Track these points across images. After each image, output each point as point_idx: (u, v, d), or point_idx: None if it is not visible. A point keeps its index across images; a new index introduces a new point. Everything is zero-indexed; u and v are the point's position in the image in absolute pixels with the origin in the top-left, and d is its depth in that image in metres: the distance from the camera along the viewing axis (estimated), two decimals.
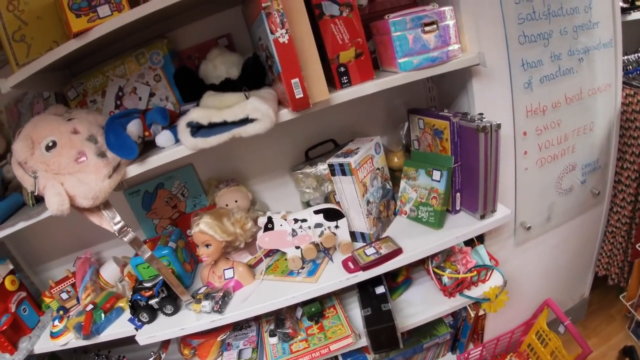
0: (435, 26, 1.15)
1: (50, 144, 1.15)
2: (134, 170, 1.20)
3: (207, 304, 1.30)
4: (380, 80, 1.17)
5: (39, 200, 1.33)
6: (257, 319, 1.55)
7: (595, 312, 2.04)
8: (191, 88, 1.30)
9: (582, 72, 1.48)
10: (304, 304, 1.45)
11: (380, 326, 1.33)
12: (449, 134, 1.31)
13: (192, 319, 1.34)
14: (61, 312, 1.56)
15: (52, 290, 1.59)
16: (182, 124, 1.14)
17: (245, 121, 1.09)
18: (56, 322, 1.50)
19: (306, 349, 1.38)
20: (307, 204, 1.47)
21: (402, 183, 1.44)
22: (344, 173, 1.28)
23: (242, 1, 1.32)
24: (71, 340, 1.48)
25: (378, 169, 1.38)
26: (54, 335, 1.49)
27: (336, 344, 1.37)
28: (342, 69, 1.18)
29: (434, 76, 1.39)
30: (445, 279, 1.44)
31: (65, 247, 1.72)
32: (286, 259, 1.39)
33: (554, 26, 1.39)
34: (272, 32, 1.00)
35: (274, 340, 1.43)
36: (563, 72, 1.45)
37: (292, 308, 1.49)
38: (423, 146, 1.45)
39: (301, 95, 1.06)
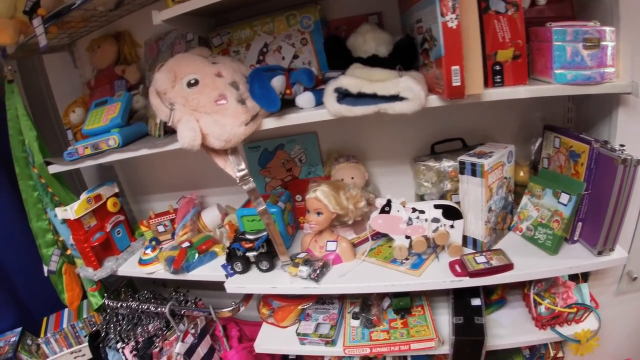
0: (595, 44, 1.08)
1: (193, 81, 1.17)
2: (269, 123, 1.20)
3: (304, 270, 1.29)
4: (534, 87, 1.11)
5: (167, 132, 1.37)
6: (342, 299, 1.52)
7: None
8: (338, 57, 1.29)
9: None
10: (394, 295, 1.41)
11: (470, 338, 1.27)
12: (586, 159, 1.24)
13: (285, 280, 1.33)
14: (153, 243, 1.59)
15: (150, 220, 1.63)
16: (329, 88, 1.12)
17: (395, 98, 1.07)
18: (148, 251, 1.53)
19: (386, 341, 1.34)
20: (422, 198, 1.43)
21: (525, 199, 1.38)
22: (474, 174, 1.23)
23: None
24: (158, 271, 1.51)
25: (506, 178, 1.32)
26: (142, 262, 1.53)
27: (418, 343, 1.32)
28: (498, 68, 1.12)
29: (578, 96, 1.33)
30: (542, 309, 1.36)
31: (172, 184, 1.77)
32: (390, 246, 1.36)
33: None
34: (442, 15, 0.96)
35: (356, 323, 1.40)
36: None
37: (381, 297, 1.45)
38: (554, 166, 1.37)
39: (458, 83, 1.01)
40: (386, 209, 1.28)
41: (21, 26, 1.44)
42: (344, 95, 1.12)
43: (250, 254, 1.36)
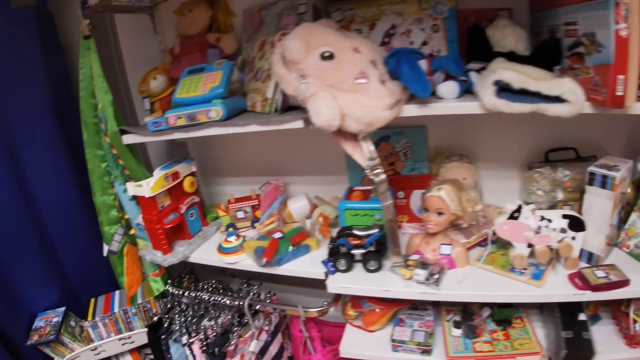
0: None
1: (327, 54, 1.03)
2: (411, 110, 1.08)
3: (422, 273, 1.17)
4: None
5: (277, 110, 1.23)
6: (436, 306, 1.42)
7: None
8: (478, 49, 1.19)
9: None
10: (498, 306, 1.33)
11: (580, 352, 1.20)
12: None
13: (396, 283, 1.21)
14: (231, 230, 1.44)
15: (229, 205, 1.47)
16: (487, 80, 1.01)
17: (555, 100, 0.98)
18: (231, 239, 1.37)
19: (491, 352, 1.25)
20: None
21: (633, 216, 1.32)
22: (603, 186, 1.16)
23: None
24: (243, 261, 1.35)
25: (623, 193, 1.27)
26: (224, 251, 1.36)
27: (523, 357, 1.24)
28: None
29: None
30: (637, 327, 1.32)
31: (249, 168, 1.61)
32: (503, 254, 1.27)
33: None
34: (616, 23, 0.89)
35: (457, 332, 1.30)
36: None
37: (480, 306, 1.37)
38: None
39: (621, 93, 0.94)
40: (515, 214, 1.20)
41: None
42: (500, 90, 1.02)
43: (357, 252, 1.24)
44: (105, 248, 1.48)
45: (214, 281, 1.52)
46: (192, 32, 1.43)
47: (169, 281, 1.51)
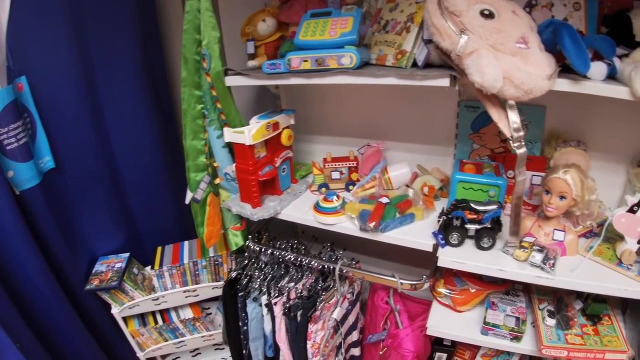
0: None
1: (487, 12, 0.97)
2: (562, 85, 1.00)
3: (538, 256, 1.12)
4: None
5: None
6: (528, 292, 1.37)
7: None
8: (623, 36, 1.13)
9: None
10: (593, 299, 1.29)
11: None
12: None
13: (510, 263, 1.15)
14: (324, 190, 1.36)
15: (326, 164, 1.38)
16: None
17: None
18: (332, 198, 1.28)
19: (582, 346, 1.20)
20: None
21: None
22: None
23: None
24: (342, 223, 1.27)
25: None
26: (322, 210, 1.27)
27: (611, 354, 1.19)
28: None
29: None
30: None
31: (343, 128, 1.52)
32: (609, 248, 1.23)
33: None
34: None
35: (552, 322, 1.26)
36: None
37: (573, 298, 1.32)
38: None
39: None
40: (635, 208, 1.15)
41: None
42: None
43: (472, 227, 1.17)
44: (189, 195, 1.37)
45: (295, 242, 1.43)
46: None
47: (250, 236, 1.41)
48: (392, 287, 1.35)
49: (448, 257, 1.17)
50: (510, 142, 1.04)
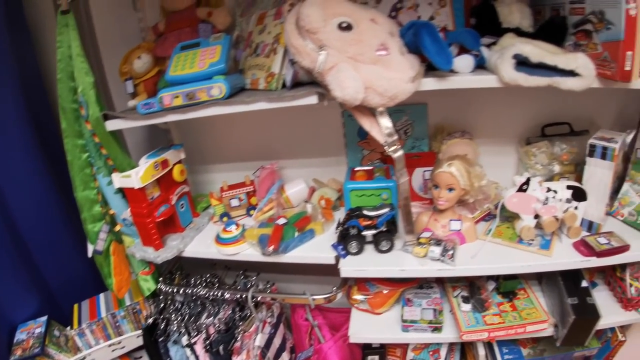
0: None
1: (345, 25, 0.97)
2: (430, 84, 1.04)
3: (436, 250, 1.14)
4: None
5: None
6: (441, 282, 1.39)
7: None
8: (488, 24, 1.17)
9: None
10: (504, 278, 1.32)
11: (588, 317, 1.22)
12: None
13: (411, 262, 1.16)
14: (225, 219, 1.33)
15: (223, 194, 1.36)
16: (507, 54, 1.00)
17: (568, 74, 0.98)
18: (230, 228, 1.26)
19: (501, 324, 1.23)
20: None
21: (626, 186, 1.35)
22: (604, 157, 1.18)
23: None
24: (245, 251, 1.25)
25: (618, 164, 1.29)
26: (223, 242, 1.25)
27: (532, 326, 1.24)
28: None
29: None
30: (632, 290, 1.36)
31: (239, 153, 1.50)
32: (508, 227, 1.26)
33: None
34: (627, 2, 0.92)
35: (467, 307, 1.28)
36: None
37: (485, 280, 1.35)
38: None
39: (629, 68, 0.97)
40: (524, 187, 1.19)
41: None
42: (518, 63, 1.00)
43: (368, 233, 1.18)
44: (90, 248, 1.32)
45: (208, 275, 1.40)
46: (180, 6, 1.32)
47: (161, 279, 1.37)
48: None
49: (350, 267, 1.17)
50: (386, 147, 1.04)
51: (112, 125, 1.24)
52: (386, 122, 1.03)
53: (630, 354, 1.56)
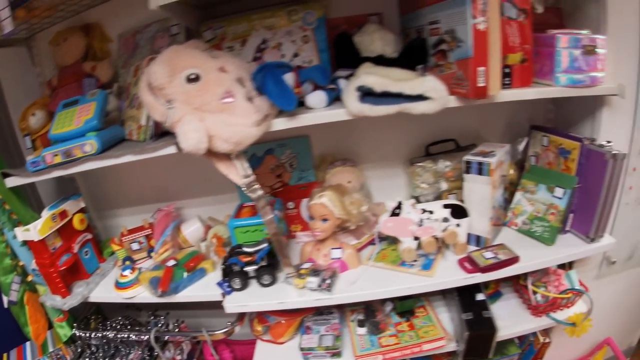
0: (592, 50, 1.13)
1: (193, 77, 1.03)
2: (281, 124, 1.09)
3: (314, 280, 1.18)
4: (540, 89, 1.14)
5: (153, 136, 1.20)
6: (341, 308, 1.43)
7: None
8: (347, 56, 1.23)
9: None
10: (399, 299, 1.35)
11: (483, 332, 1.25)
12: (577, 155, 1.27)
13: (292, 293, 1.21)
14: (128, 263, 1.39)
15: (123, 238, 1.43)
16: (351, 86, 1.06)
17: (418, 98, 1.03)
18: (126, 273, 1.33)
19: (397, 345, 1.27)
20: (417, 199, 1.39)
21: (518, 195, 1.39)
22: (480, 172, 1.21)
23: None
24: (141, 294, 1.31)
25: (504, 175, 1.32)
26: (120, 286, 1.32)
27: (429, 344, 1.27)
28: (507, 70, 1.13)
29: (559, 98, 1.37)
30: (538, 297, 1.38)
31: (142, 196, 1.56)
32: (394, 250, 1.30)
33: None
34: (473, 17, 0.96)
35: (362, 330, 1.32)
36: None
37: (382, 301, 1.38)
38: (542, 163, 1.40)
39: (483, 84, 1.01)
40: (396, 211, 1.22)
41: None
42: (364, 95, 1.05)
43: (250, 269, 1.23)
44: (5, 299, 1.40)
45: (120, 318, 1.46)
46: (69, 62, 1.39)
47: (75, 324, 1.44)
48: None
49: (233, 303, 1.22)
50: (244, 189, 1.09)
51: (11, 181, 1.31)
52: (242, 165, 1.09)
53: (558, 354, 1.59)
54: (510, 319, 1.41)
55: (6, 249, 1.40)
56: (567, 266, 1.45)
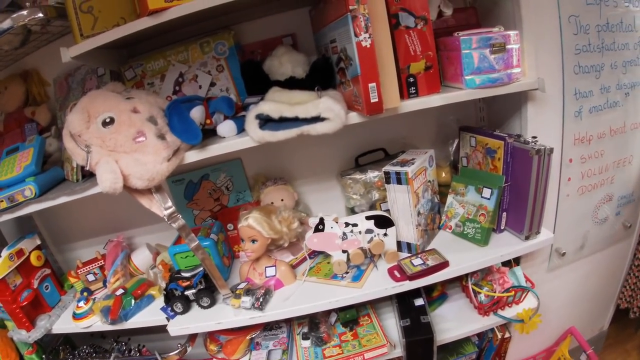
0: (501, 48, 1.16)
1: (108, 120, 1.12)
2: (192, 156, 1.17)
3: (247, 300, 1.27)
4: (446, 95, 1.18)
5: (85, 176, 1.31)
6: (289, 321, 1.51)
7: (612, 346, 2.04)
8: (256, 82, 1.30)
9: (627, 106, 1.50)
10: (340, 309, 1.43)
11: (419, 338, 1.32)
12: (502, 154, 1.31)
13: (229, 313, 1.30)
14: (85, 294, 1.51)
15: (78, 271, 1.54)
16: (250, 115, 1.13)
17: (316, 119, 1.09)
18: (81, 304, 1.44)
19: (340, 355, 1.35)
20: (352, 211, 1.46)
21: (450, 198, 1.44)
22: (399, 182, 1.27)
23: (312, 3, 1.33)
24: (95, 323, 1.43)
25: (429, 181, 1.37)
26: (77, 317, 1.43)
27: (371, 352, 1.34)
28: (411, 80, 1.18)
29: (488, 97, 1.41)
30: (482, 297, 1.43)
31: (96, 228, 1.68)
32: (329, 262, 1.37)
33: (605, 59, 1.42)
34: (356, 35, 1.00)
35: (307, 343, 1.40)
36: (610, 105, 1.47)
37: (326, 313, 1.46)
38: (472, 164, 1.45)
39: (376, 100, 1.06)
40: (320, 227, 1.30)
41: None
42: (265, 121, 1.13)
43: (189, 292, 1.33)
44: None
45: (85, 347, 1.58)
46: (11, 109, 1.51)
47: (44, 356, 1.57)
48: None
49: (176, 327, 1.32)
50: (167, 220, 1.18)
51: None
52: (163, 198, 1.18)
53: (522, 347, 1.67)
54: (456, 320, 1.47)
55: None
56: (512, 263, 1.49)
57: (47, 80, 1.54)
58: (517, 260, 1.52)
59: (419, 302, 1.41)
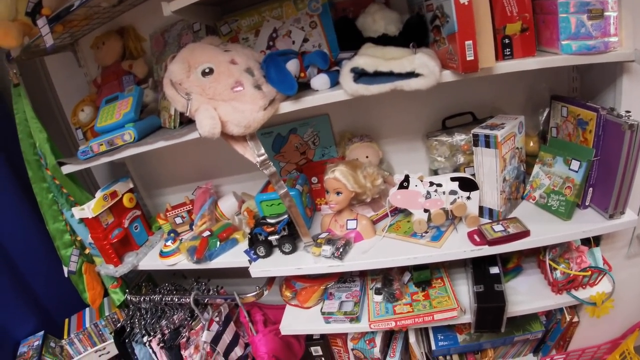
0: (599, 14, 1.15)
1: (207, 70, 1.23)
2: (287, 107, 1.26)
3: (327, 249, 1.36)
4: (542, 59, 1.18)
5: (182, 123, 1.43)
6: (363, 276, 1.60)
7: None
8: (349, 38, 1.36)
9: None
10: (414, 269, 1.49)
11: (491, 305, 1.36)
12: (594, 127, 1.31)
13: (309, 260, 1.40)
14: (172, 235, 1.66)
15: (167, 213, 1.70)
16: (345, 69, 1.19)
17: (410, 75, 1.13)
18: (169, 243, 1.59)
19: (410, 313, 1.42)
20: (435, 173, 1.51)
21: (536, 168, 1.45)
22: (487, 145, 1.30)
23: None
24: (181, 261, 1.58)
25: (518, 148, 1.39)
26: (164, 255, 1.59)
27: (441, 314, 1.40)
28: (507, 41, 1.19)
29: (582, 65, 1.39)
30: (558, 274, 1.44)
31: (185, 176, 1.85)
32: (409, 221, 1.43)
33: None
34: None
35: (379, 298, 1.48)
36: None
37: (401, 271, 1.54)
38: (562, 134, 1.45)
39: (472, 57, 1.08)
40: (404, 184, 1.36)
41: (24, 28, 1.48)
42: (359, 75, 1.18)
43: (273, 238, 1.44)
44: (65, 269, 1.74)
45: (166, 284, 1.74)
46: (109, 62, 1.67)
47: (127, 290, 1.74)
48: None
49: (258, 269, 1.44)
50: (259, 166, 1.29)
51: (66, 169, 1.61)
52: (255, 146, 1.28)
53: (588, 334, 1.66)
54: (529, 294, 1.49)
55: (65, 226, 1.73)
56: (592, 243, 1.49)
57: (143, 36, 1.67)
58: (597, 241, 1.51)
59: (494, 270, 1.45)
